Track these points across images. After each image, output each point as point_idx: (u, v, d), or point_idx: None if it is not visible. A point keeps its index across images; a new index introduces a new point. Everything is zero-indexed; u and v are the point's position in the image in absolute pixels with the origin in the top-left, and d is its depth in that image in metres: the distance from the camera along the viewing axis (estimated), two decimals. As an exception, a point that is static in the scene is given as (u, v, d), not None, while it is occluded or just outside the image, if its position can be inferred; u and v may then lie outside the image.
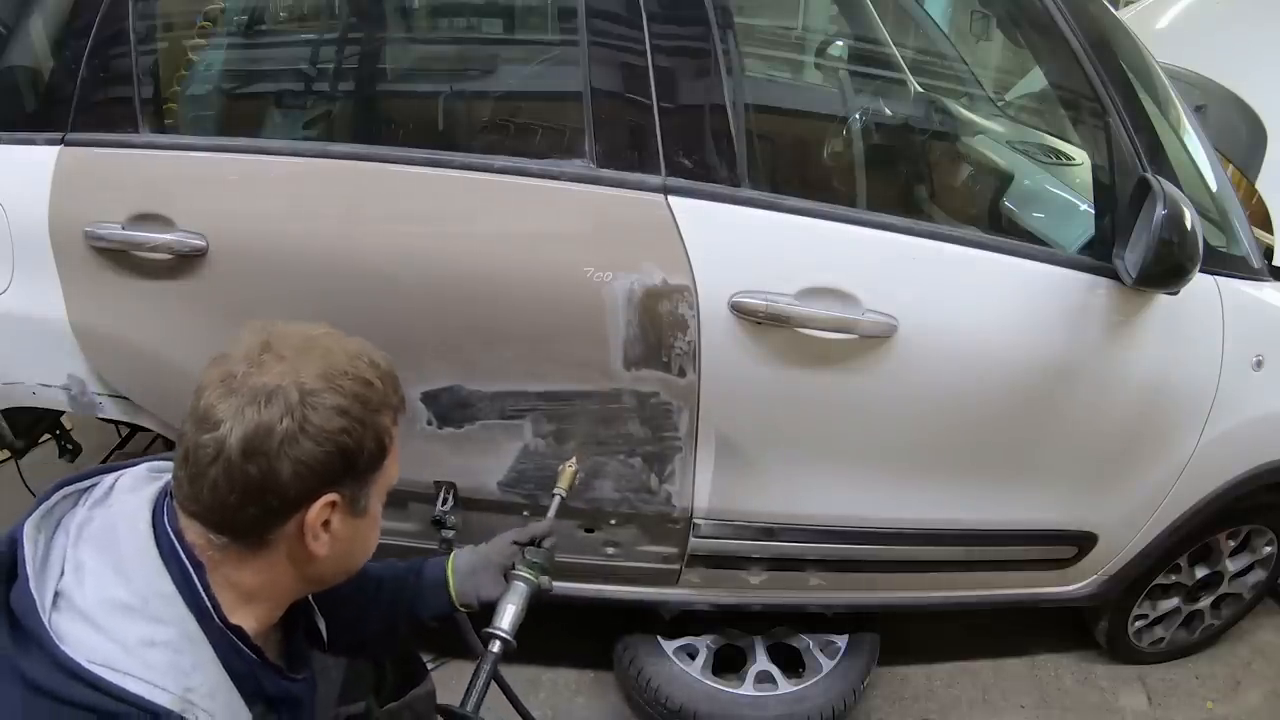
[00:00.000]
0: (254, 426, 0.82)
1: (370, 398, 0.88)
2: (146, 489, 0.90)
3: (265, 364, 0.84)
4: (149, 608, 0.82)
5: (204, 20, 1.83)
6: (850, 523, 1.75)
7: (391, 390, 0.93)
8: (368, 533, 0.96)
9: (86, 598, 0.81)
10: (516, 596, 1.28)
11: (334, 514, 0.88)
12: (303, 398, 0.83)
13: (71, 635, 0.79)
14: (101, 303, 1.56)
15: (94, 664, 0.78)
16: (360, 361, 0.89)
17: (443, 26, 2.46)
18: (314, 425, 0.84)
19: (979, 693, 2.16)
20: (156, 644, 0.81)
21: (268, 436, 0.82)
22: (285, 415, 0.82)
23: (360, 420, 0.87)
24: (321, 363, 0.86)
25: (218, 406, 0.82)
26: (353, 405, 0.86)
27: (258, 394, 0.82)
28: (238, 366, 0.84)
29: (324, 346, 0.88)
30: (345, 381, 0.86)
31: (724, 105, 1.53)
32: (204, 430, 0.82)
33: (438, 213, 1.52)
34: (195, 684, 0.82)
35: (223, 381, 0.84)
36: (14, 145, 1.54)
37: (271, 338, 0.87)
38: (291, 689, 0.97)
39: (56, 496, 0.89)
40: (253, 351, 0.85)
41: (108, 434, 2.39)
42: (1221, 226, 1.77)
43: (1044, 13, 1.56)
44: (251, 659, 0.90)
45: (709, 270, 1.49)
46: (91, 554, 0.84)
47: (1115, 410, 1.69)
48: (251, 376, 0.83)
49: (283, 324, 0.90)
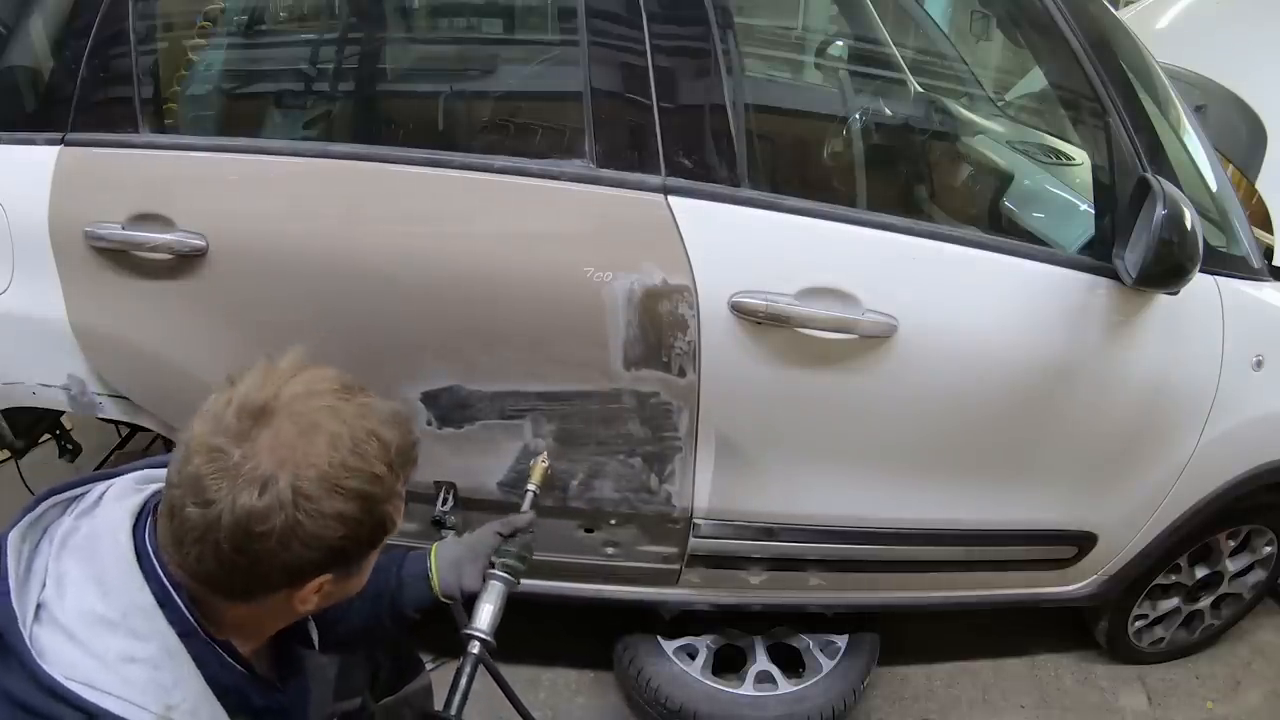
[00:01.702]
0: (247, 514, 0.76)
1: (375, 494, 0.82)
2: (130, 500, 0.87)
3: (260, 443, 0.78)
4: (128, 622, 0.79)
5: (204, 20, 1.83)
6: (850, 523, 1.75)
7: (402, 474, 0.86)
8: (359, 582, 0.93)
9: (66, 610, 0.79)
10: (494, 595, 1.27)
11: (326, 585, 0.86)
12: (298, 501, 0.77)
13: (51, 649, 0.77)
14: (101, 303, 1.56)
15: (72, 681, 0.76)
16: (368, 447, 0.81)
17: (443, 26, 2.46)
18: (307, 531, 0.78)
19: (979, 693, 2.16)
20: (136, 660, 0.79)
21: (260, 531, 0.77)
22: (280, 510, 0.77)
23: (360, 520, 0.82)
24: (326, 455, 0.79)
25: (208, 481, 0.77)
26: (355, 509, 0.81)
27: (252, 480, 0.76)
28: (231, 444, 0.77)
29: (330, 433, 0.80)
30: (350, 481, 0.80)
31: (724, 105, 1.53)
32: (193, 501, 0.77)
33: (438, 213, 1.52)
34: (176, 701, 0.80)
35: (214, 454, 0.77)
36: (14, 145, 1.54)
37: (275, 405, 0.80)
38: (280, 700, 0.96)
39: (43, 506, 0.87)
40: (247, 422, 0.78)
41: (108, 434, 2.39)
42: (1221, 226, 1.77)
43: (1044, 13, 1.56)
44: (238, 672, 0.89)
45: (709, 270, 1.49)
46: (74, 565, 0.82)
47: (1115, 410, 1.69)
48: (247, 459, 0.77)
49: (294, 382, 0.82)
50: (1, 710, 0.76)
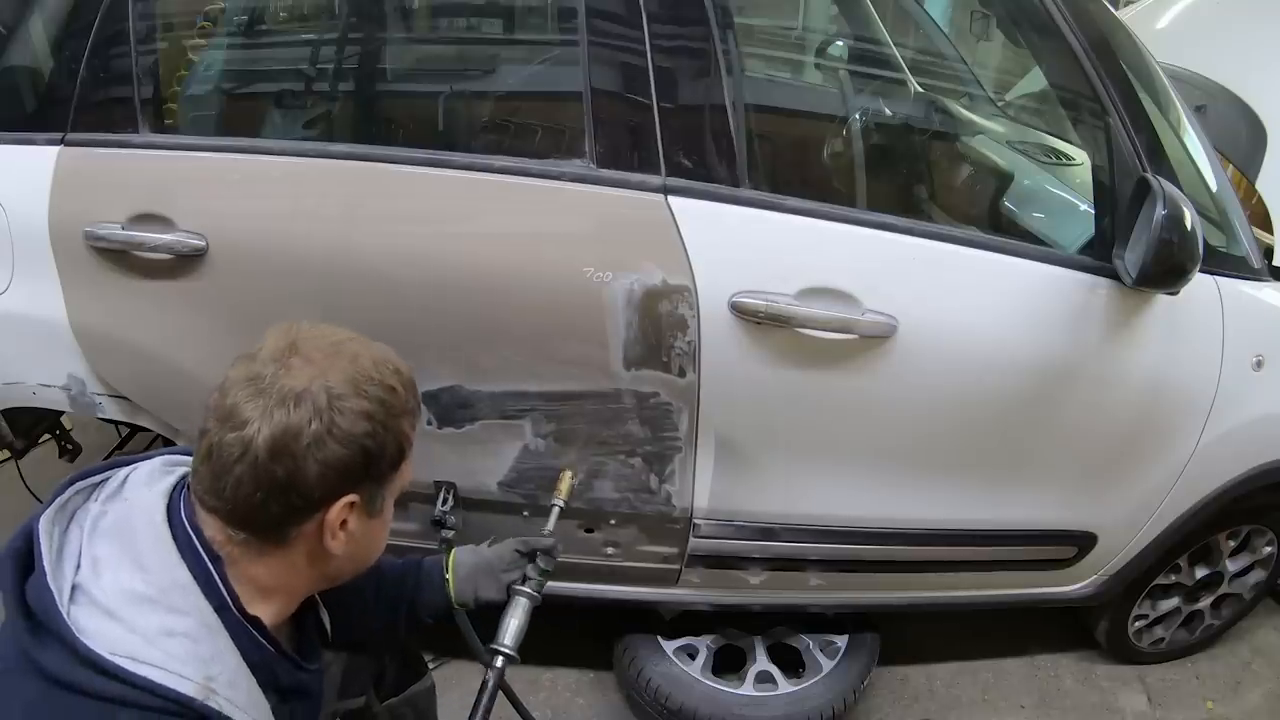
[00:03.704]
0: (282, 428, 0.83)
1: (393, 404, 0.90)
2: (161, 482, 0.92)
3: (294, 366, 0.86)
4: (167, 598, 0.83)
5: (204, 20, 1.83)
6: (850, 523, 1.75)
7: (412, 396, 0.95)
8: (380, 532, 0.98)
9: (105, 590, 0.82)
10: (520, 612, 1.30)
11: (352, 514, 0.90)
12: (330, 401, 0.85)
13: (91, 627, 0.80)
14: (101, 303, 1.56)
15: (116, 655, 0.78)
16: (385, 368, 0.91)
17: (443, 26, 2.46)
18: (340, 429, 0.85)
19: (979, 693, 2.17)
20: (175, 634, 0.82)
21: (296, 438, 0.83)
22: (314, 418, 0.84)
23: (384, 425, 0.89)
24: (349, 368, 0.88)
25: (244, 406, 0.83)
26: (377, 410, 0.88)
27: (286, 396, 0.84)
28: (266, 368, 0.85)
29: (351, 352, 0.90)
30: (371, 387, 0.88)
31: (724, 105, 1.53)
32: (230, 429, 0.83)
33: (438, 213, 1.52)
34: (215, 672, 0.83)
35: (250, 381, 0.85)
36: (14, 145, 1.54)
37: (299, 340, 0.88)
38: (304, 680, 0.99)
39: (70, 491, 0.90)
40: (280, 353, 0.87)
41: (108, 434, 2.39)
42: (1221, 226, 1.77)
43: (1044, 13, 1.56)
44: (268, 650, 0.91)
45: (709, 270, 1.49)
46: (107, 547, 0.85)
47: (1115, 410, 1.69)
48: (280, 378, 0.85)
49: (309, 326, 0.91)
50: (28, 685, 0.78)
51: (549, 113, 1.94)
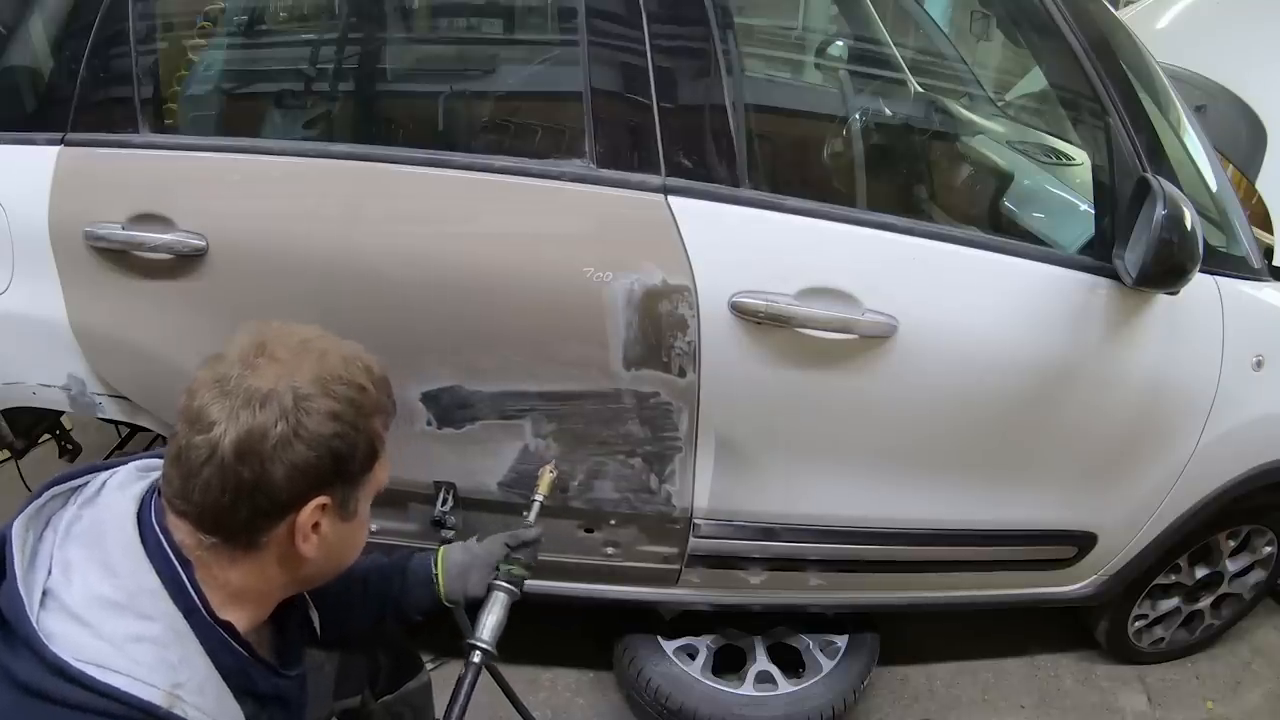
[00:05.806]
0: (248, 429, 0.82)
1: (363, 403, 0.89)
2: (135, 486, 0.90)
3: (260, 367, 0.85)
4: (135, 603, 0.82)
5: (204, 20, 1.83)
6: (850, 523, 1.75)
7: (384, 395, 0.93)
8: (356, 534, 0.97)
9: (74, 595, 0.81)
10: (498, 607, 1.31)
11: (324, 516, 0.89)
12: (297, 402, 0.84)
13: (59, 633, 0.79)
14: (101, 303, 1.56)
15: (81, 661, 0.77)
16: (354, 366, 0.90)
17: (443, 26, 2.46)
18: (307, 430, 0.84)
19: (979, 693, 2.17)
20: (143, 639, 0.81)
21: (262, 439, 0.82)
22: (279, 419, 0.83)
23: (353, 425, 0.88)
24: (316, 367, 0.86)
25: (211, 407, 0.82)
26: (346, 410, 0.87)
27: (252, 397, 0.83)
28: (232, 369, 0.84)
29: (319, 350, 0.88)
30: (339, 387, 0.87)
31: (724, 105, 1.53)
32: (197, 431, 0.82)
33: (438, 213, 1.52)
34: (183, 679, 0.82)
35: (217, 383, 0.84)
36: (14, 145, 1.54)
37: (267, 339, 0.87)
38: (282, 686, 0.98)
39: (46, 495, 0.89)
40: (247, 353, 0.86)
41: (108, 434, 2.39)
42: (1221, 226, 1.77)
43: (1044, 13, 1.56)
44: (241, 655, 0.90)
45: (709, 270, 1.49)
46: (79, 552, 0.84)
47: (1115, 410, 1.69)
48: (246, 379, 0.83)
49: (279, 325, 0.90)
50: (3, 695, 0.77)
51: (549, 113, 1.94)
